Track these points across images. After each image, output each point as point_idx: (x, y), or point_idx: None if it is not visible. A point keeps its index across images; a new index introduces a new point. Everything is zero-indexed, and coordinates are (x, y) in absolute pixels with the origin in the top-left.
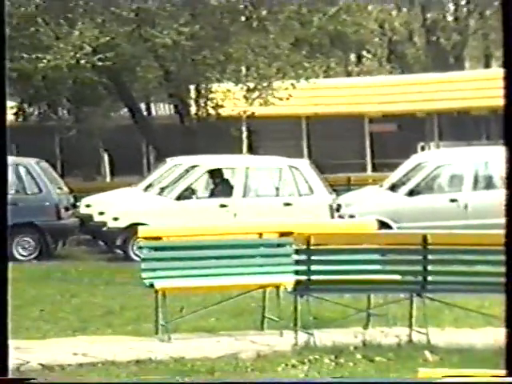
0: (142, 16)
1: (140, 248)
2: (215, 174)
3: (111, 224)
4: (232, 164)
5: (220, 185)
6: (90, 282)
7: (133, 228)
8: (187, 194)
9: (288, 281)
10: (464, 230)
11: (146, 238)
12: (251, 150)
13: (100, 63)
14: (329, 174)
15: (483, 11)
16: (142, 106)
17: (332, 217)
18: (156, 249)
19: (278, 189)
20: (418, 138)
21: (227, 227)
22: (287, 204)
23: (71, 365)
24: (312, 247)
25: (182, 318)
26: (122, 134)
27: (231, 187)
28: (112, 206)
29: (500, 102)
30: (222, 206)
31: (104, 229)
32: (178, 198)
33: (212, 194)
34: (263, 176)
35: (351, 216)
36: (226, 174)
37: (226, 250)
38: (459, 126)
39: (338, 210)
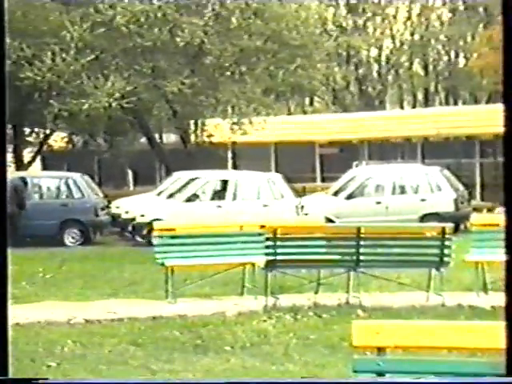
0: (156, 71)
1: (155, 237)
2: (214, 183)
3: (139, 219)
4: (226, 177)
5: (217, 191)
6: (119, 261)
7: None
8: (193, 197)
9: (260, 260)
10: (385, 223)
11: (160, 230)
12: (235, 167)
13: (126, 105)
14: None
15: (398, 69)
16: (157, 135)
17: (298, 214)
18: (166, 237)
19: (258, 194)
20: (353, 158)
21: (218, 222)
22: (265, 205)
23: (106, 319)
24: (278, 236)
25: (185, 287)
26: (141, 156)
27: (225, 193)
28: (136, 206)
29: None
30: (218, 206)
31: (133, 223)
32: (187, 200)
33: (211, 198)
34: (248, 185)
35: (305, 214)
36: (222, 184)
37: (217, 238)
38: (382, 150)
39: (302, 209)
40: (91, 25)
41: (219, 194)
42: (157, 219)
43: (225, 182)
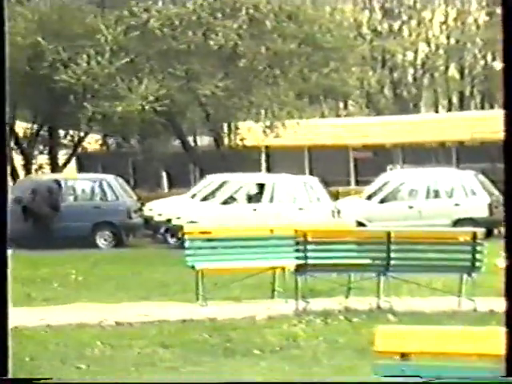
0: (190, 74)
1: (185, 240)
2: (250, 186)
3: (175, 222)
4: (262, 180)
5: (253, 194)
6: (151, 263)
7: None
8: (229, 200)
9: (291, 264)
10: (418, 227)
11: (189, 233)
12: (269, 170)
13: (160, 108)
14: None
15: (433, 73)
16: (191, 138)
17: (334, 218)
18: (197, 240)
19: (295, 198)
20: (387, 162)
21: (247, 226)
22: (301, 209)
23: (137, 322)
24: (308, 240)
25: (216, 290)
26: (176, 158)
27: (261, 196)
28: (169, 209)
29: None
30: (254, 209)
31: (167, 225)
32: (224, 203)
33: (247, 201)
34: (284, 188)
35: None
36: (258, 187)
37: (247, 242)
38: (416, 154)
39: (338, 213)
40: (126, 28)
41: (255, 197)
42: (193, 222)
43: (261, 185)
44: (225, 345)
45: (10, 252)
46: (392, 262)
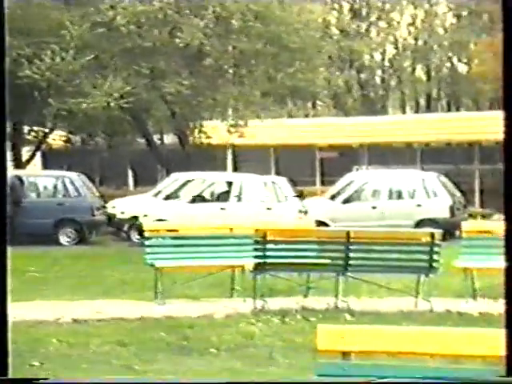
0: (155, 72)
1: (145, 238)
2: (218, 185)
3: (142, 219)
4: (230, 179)
5: (221, 193)
6: (112, 261)
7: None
8: (197, 199)
9: (251, 263)
10: (381, 228)
11: (149, 231)
12: (235, 169)
13: (125, 105)
14: None
15: (400, 75)
16: (158, 136)
17: (301, 218)
18: (156, 238)
19: (262, 197)
20: (354, 162)
21: (208, 225)
22: (269, 208)
23: (93, 320)
24: (267, 239)
25: (175, 289)
26: (143, 156)
27: (229, 195)
28: (131, 207)
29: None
30: (222, 208)
31: (134, 223)
32: (191, 201)
33: (216, 200)
34: (252, 188)
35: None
36: (226, 186)
37: (207, 240)
38: (383, 155)
39: (306, 213)
40: (91, 24)
41: (223, 196)
42: (161, 220)
43: (229, 184)
44: (181, 343)
45: None
46: (351, 262)
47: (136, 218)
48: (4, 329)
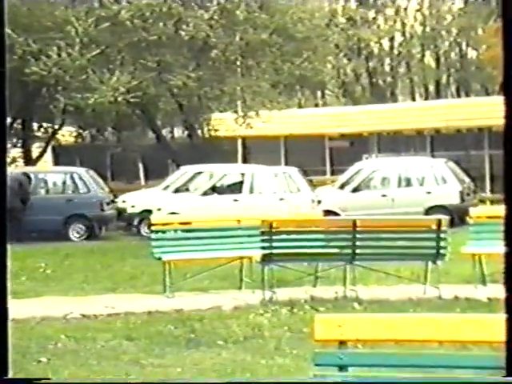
0: (162, 65)
1: (152, 231)
2: (231, 177)
3: (155, 213)
4: (241, 171)
5: (233, 185)
6: (122, 255)
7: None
8: (209, 191)
9: (258, 254)
10: (392, 216)
11: (156, 224)
12: (245, 161)
13: (132, 100)
14: None
15: (409, 62)
16: (168, 130)
17: (313, 208)
18: (164, 232)
19: (275, 188)
20: (363, 151)
21: (218, 217)
22: (281, 199)
23: (102, 315)
24: (273, 230)
25: (184, 282)
26: (154, 150)
27: (241, 187)
28: (142, 201)
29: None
30: (235, 200)
31: (142, 216)
32: (204, 194)
33: (229, 192)
34: (264, 179)
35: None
36: (238, 178)
37: (214, 233)
38: (393, 143)
39: (319, 202)
40: (96, 19)
41: (235, 188)
42: (174, 213)
43: (241, 176)
44: (189, 336)
45: None
46: (358, 251)
47: (147, 211)
48: (4, 328)
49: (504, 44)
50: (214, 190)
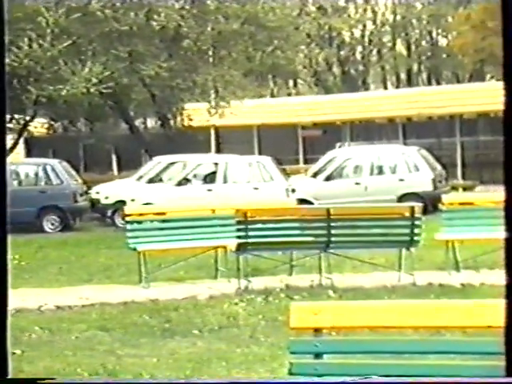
0: (134, 55)
1: (127, 222)
2: (204, 167)
3: (129, 203)
4: (215, 160)
5: (207, 175)
6: (96, 246)
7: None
8: (183, 182)
9: (233, 243)
10: (365, 204)
11: (131, 215)
12: (218, 150)
13: (105, 91)
14: None
15: (380, 50)
16: (141, 120)
17: (288, 197)
18: (139, 222)
19: (248, 177)
20: (337, 140)
21: (192, 207)
22: (255, 188)
23: (77, 306)
24: (248, 219)
25: (160, 272)
26: (127, 141)
27: (215, 177)
28: (117, 191)
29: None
30: (209, 190)
31: (116, 207)
32: (178, 184)
33: (203, 182)
34: (238, 168)
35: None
36: (211, 168)
37: (188, 222)
38: (365, 131)
39: (293, 191)
40: (67, 10)
41: (209, 178)
42: (147, 203)
43: (215, 166)
44: (164, 326)
45: None
46: (332, 239)
47: (121, 202)
48: (3, 328)
49: (503, 31)
50: (188, 180)
